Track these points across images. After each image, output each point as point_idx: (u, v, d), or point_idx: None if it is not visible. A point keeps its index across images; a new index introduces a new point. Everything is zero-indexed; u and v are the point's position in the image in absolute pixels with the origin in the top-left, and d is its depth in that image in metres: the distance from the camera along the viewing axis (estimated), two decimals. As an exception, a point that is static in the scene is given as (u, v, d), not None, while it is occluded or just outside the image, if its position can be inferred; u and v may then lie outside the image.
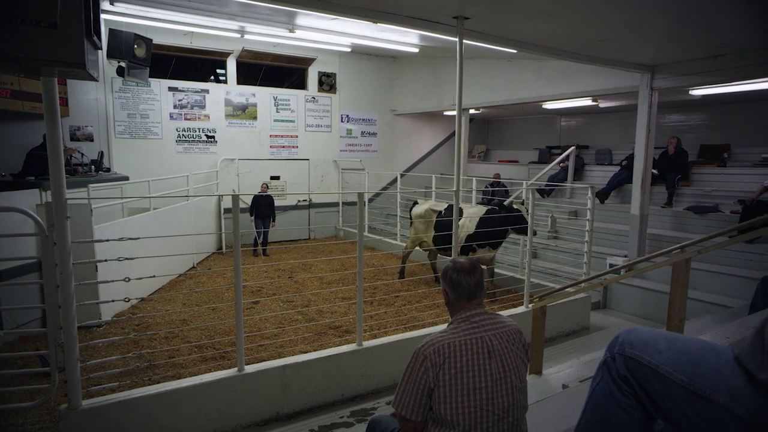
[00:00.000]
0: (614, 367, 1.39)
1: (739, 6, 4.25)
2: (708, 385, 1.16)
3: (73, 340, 3.03)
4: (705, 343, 1.30)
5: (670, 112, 10.11)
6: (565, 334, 5.94)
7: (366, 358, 4.36)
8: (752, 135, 8.94)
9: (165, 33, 8.81)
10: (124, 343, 5.09)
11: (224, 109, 10.45)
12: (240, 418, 3.78)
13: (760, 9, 4.33)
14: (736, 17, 4.62)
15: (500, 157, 13.61)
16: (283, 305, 6.49)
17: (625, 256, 7.30)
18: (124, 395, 3.38)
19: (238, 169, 10.56)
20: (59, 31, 1.85)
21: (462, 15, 4.57)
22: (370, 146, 12.55)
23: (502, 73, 9.43)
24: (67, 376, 3.07)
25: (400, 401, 1.80)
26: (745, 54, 5.72)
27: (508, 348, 1.81)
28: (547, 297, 4.10)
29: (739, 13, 4.47)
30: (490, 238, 6.41)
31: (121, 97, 9.25)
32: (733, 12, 4.44)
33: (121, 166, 8.87)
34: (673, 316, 3.23)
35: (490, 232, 6.40)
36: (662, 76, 6.71)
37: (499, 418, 1.73)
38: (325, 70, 11.52)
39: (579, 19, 4.82)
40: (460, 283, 1.88)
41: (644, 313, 6.66)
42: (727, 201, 7.74)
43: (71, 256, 2.98)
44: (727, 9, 4.33)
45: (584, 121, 12.23)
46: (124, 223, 6.60)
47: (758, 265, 6.19)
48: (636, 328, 1.43)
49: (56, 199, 2.88)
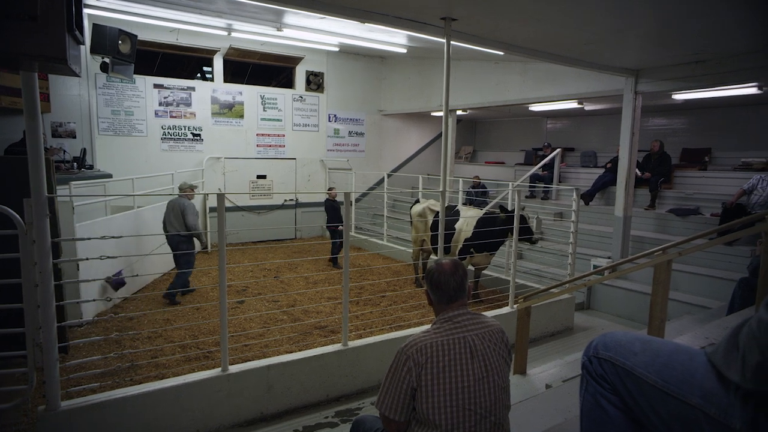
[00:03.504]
0: (592, 369, 1.42)
1: (719, 13, 4.33)
2: (681, 387, 1.18)
3: (53, 340, 2.97)
4: (678, 345, 1.33)
5: (653, 116, 10.27)
6: (549, 334, 6.00)
7: (351, 358, 4.35)
8: (732, 139, 9.13)
9: (151, 29, 8.70)
10: (105, 343, 5.01)
11: (210, 107, 10.35)
12: (224, 419, 3.75)
13: (739, 17, 4.43)
14: (717, 24, 4.72)
15: (487, 159, 13.70)
16: (268, 305, 6.45)
17: (609, 257, 7.39)
18: (104, 396, 3.32)
19: (225, 167, 10.47)
20: (39, 25, 1.82)
21: (450, 16, 4.59)
22: (357, 146, 12.54)
23: (490, 74, 9.49)
24: (45, 376, 3.01)
25: (383, 401, 1.80)
26: (724, 60, 5.85)
27: (491, 348, 1.82)
28: (531, 298, 4.14)
29: (719, 20, 4.56)
30: (490, 242, 6.24)
31: (105, 94, 9.11)
32: (714, 19, 4.53)
33: (105, 164, 8.73)
34: (655, 317, 3.28)
35: (489, 236, 6.20)
36: (646, 80, 6.81)
37: (482, 417, 1.74)
38: (312, 69, 11.48)
39: (564, 23, 4.87)
40: (442, 284, 1.88)
41: (627, 314, 6.75)
42: (708, 204, 7.89)
43: (51, 254, 2.92)
44: (707, 16, 4.41)
45: (570, 123, 12.37)
46: (107, 222, 6.50)
47: (736, 266, 6.32)
48: (611, 332, 1.46)
49: (36, 196, 2.82)
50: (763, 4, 4.09)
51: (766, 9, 4.25)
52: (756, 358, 0.97)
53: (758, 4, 4.11)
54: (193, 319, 5.93)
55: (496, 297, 6.53)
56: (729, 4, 4.10)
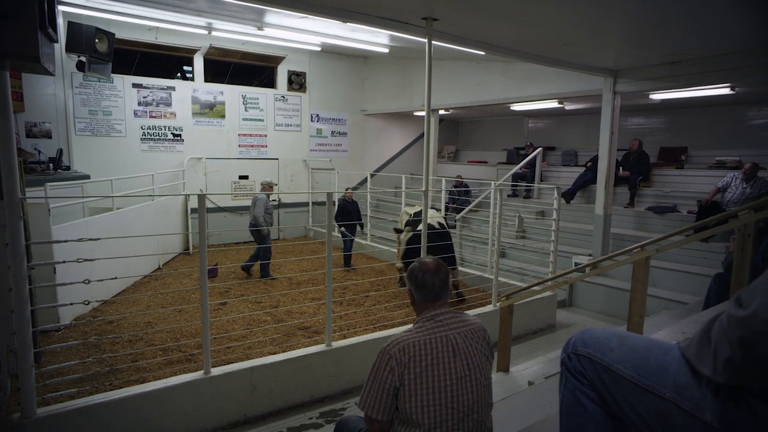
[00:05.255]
0: (571, 365, 1.44)
1: (691, 17, 4.43)
2: (656, 381, 1.20)
3: (27, 345, 2.90)
4: (653, 341, 1.36)
5: (632, 116, 10.46)
6: (532, 332, 6.07)
7: (335, 359, 4.34)
8: (707, 138, 9.35)
9: (129, 27, 8.54)
10: (84, 347, 4.91)
11: (191, 107, 10.21)
12: (207, 422, 3.71)
13: (709, 20, 4.54)
14: (692, 27, 4.83)
15: (469, 158, 13.79)
16: (251, 306, 6.39)
17: (589, 255, 7.50)
18: (83, 402, 3.25)
19: (206, 168, 10.35)
20: (10, 22, 1.77)
21: (431, 16, 4.60)
22: (340, 146, 12.51)
23: (471, 74, 9.55)
24: (20, 383, 2.93)
25: (365, 401, 1.80)
26: (699, 62, 5.98)
27: (473, 346, 1.83)
28: (514, 296, 4.18)
29: (691, 23, 4.67)
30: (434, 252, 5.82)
31: (82, 93, 8.92)
32: (690, 22, 4.63)
33: (82, 165, 8.54)
34: (634, 313, 3.34)
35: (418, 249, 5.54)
36: (624, 80, 6.93)
37: (464, 416, 1.75)
38: (294, 69, 11.41)
39: (543, 23, 4.93)
40: (427, 283, 1.89)
41: (607, 311, 6.87)
42: (685, 201, 8.07)
43: (25, 257, 2.85)
44: (679, 18, 4.51)
45: (551, 123, 12.52)
46: (85, 224, 6.36)
47: (712, 262, 6.47)
48: (589, 328, 1.49)
49: (9, 198, 2.75)
50: (741, 8, 4.21)
51: (739, 14, 4.37)
52: (726, 353, 1.00)
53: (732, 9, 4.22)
54: (174, 321, 5.85)
55: (479, 295, 6.58)
56: (704, 9, 4.20)
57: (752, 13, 4.30)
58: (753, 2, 4.00)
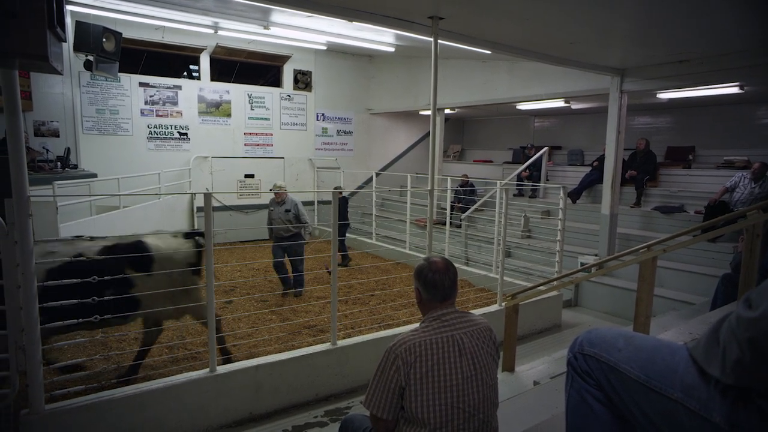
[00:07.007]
0: (577, 365, 1.43)
1: (698, 16, 4.40)
2: (663, 381, 1.20)
3: (36, 342, 2.93)
4: (660, 341, 1.35)
5: (639, 115, 10.39)
6: (537, 331, 6.05)
7: (340, 358, 4.34)
8: (715, 138, 9.27)
9: (136, 27, 8.59)
10: (91, 345, 4.94)
11: (197, 106, 10.25)
12: (212, 420, 3.72)
13: (710, 20, 4.51)
14: (700, 26, 4.79)
15: (475, 157, 13.75)
16: (256, 305, 6.41)
17: (595, 254, 7.47)
18: (90, 398, 3.28)
19: (212, 167, 10.38)
20: (19, 21, 1.78)
21: (437, 15, 4.60)
22: (345, 145, 12.51)
23: (477, 73, 9.53)
24: (28, 379, 2.96)
25: (371, 400, 1.80)
26: (707, 60, 5.94)
27: (479, 346, 1.83)
28: (519, 295, 4.17)
29: (696, 22, 4.63)
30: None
31: (89, 92, 8.97)
32: (693, 21, 4.60)
33: (89, 163, 8.61)
34: (640, 313, 3.32)
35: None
36: (631, 79, 6.89)
37: (470, 416, 1.75)
38: (300, 67, 11.43)
39: (549, 22, 4.91)
40: (437, 283, 1.87)
41: (613, 311, 6.83)
42: (692, 201, 8.01)
43: (33, 255, 2.88)
44: (686, 17, 4.48)
45: (557, 122, 12.46)
46: (92, 222, 6.40)
47: (719, 263, 6.42)
48: (596, 328, 1.48)
49: (17, 196, 2.77)
50: (743, 8, 4.17)
51: (746, 13, 4.33)
52: (735, 354, 0.99)
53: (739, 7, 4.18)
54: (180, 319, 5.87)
55: (484, 295, 6.57)
56: (705, 9, 4.17)
57: (752, 13, 4.27)
58: (753, 2, 3.98)
